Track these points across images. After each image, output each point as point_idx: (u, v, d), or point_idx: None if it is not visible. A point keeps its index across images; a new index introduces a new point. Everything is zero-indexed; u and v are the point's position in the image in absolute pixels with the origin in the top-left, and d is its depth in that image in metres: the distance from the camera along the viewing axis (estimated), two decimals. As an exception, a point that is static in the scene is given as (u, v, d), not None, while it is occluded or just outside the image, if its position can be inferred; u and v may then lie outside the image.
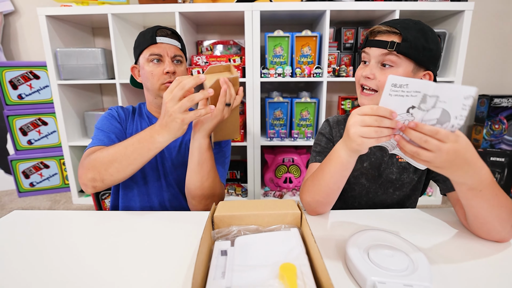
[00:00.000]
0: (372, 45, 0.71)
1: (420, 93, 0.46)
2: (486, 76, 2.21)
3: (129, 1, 1.93)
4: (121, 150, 0.71)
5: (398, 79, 0.46)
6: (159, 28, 0.91)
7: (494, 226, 0.57)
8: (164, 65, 0.88)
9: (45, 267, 0.53)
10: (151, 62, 0.89)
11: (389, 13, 1.77)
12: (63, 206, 2.05)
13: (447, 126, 0.46)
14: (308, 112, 1.91)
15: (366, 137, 0.51)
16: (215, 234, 0.52)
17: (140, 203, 0.92)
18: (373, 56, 0.71)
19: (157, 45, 0.89)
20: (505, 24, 2.12)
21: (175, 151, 0.94)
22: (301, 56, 1.83)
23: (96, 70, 1.88)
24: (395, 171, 0.82)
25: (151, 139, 0.68)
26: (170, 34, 0.92)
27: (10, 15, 2.15)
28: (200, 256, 0.41)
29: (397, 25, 0.68)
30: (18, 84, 2.01)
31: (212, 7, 1.73)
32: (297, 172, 1.99)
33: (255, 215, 0.55)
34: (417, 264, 0.47)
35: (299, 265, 0.42)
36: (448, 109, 0.45)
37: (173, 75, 0.90)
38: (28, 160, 2.11)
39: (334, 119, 0.91)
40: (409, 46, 0.66)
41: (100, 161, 0.72)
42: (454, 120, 0.46)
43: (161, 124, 0.66)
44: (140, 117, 0.98)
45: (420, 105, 0.47)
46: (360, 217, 0.71)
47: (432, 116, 0.47)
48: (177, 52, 0.92)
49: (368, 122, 0.50)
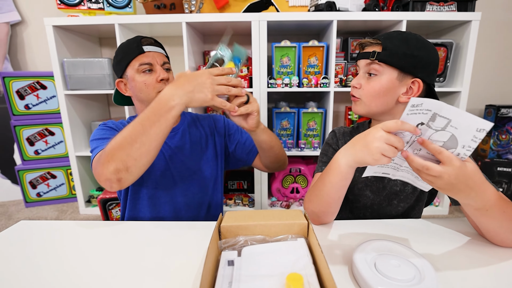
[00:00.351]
0: (360, 58, 0.76)
1: (431, 111, 0.46)
2: (493, 86, 2.20)
3: (136, 11, 1.93)
4: (137, 128, 0.65)
5: (417, 100, 0.46)
6: (142, 38, 0.89)
7: (507, 236, 0.59)
8: (157, 74, 0.86)
9: (52, 277, 0.53)
10: (142, 72, 0.86)
11: (396, 23, 1.77)
12: (70, 216, 2.04)
13: (453, 152, 0.47)
14: (315, 122, 1.90)
15: (385, 155, 0.52)
16: (222, 244, 0.53)
17: (150, 213, 0.90)
18: (361, 67, 0.76)
19: (145, 54, 0.86)
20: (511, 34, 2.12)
21: (186, 154, 0.94)
22: (308, 66, 1.82)
23: (103, 80, 1.87)
24: (399, 182, 0.83)
25: (166, 107, 0.65)
26: (154, 43, 0.91)
27: (17, 25, 2.15)
28: (207, 266, 0.41)
29: (381, 36, 0.73)
30: (25, 94, 2.01)
31: (219, 17, 1.73)
32: (304, 182, 1.98)
33: (262, 225, 0.55)
34: (424, 274, 0.47)
35: (306, 275, 0.42)
36: (457, 136, 0.45)
37: (167, 82, 0.88)
38: (35, 170, 2.10)
39: (341, 130, 0.91)
40: (389, 54, 0.70)
41: (118, 148, 0.64)
42: (461, 149, 0.46)
43: (183, 90, 0.65)
44: None
45: (429, 122, 0.47)
46: (366, 227, 0.71)
47: (440, 138, 0.47)
48: (165, 59, 0.91)
49: (392, 141, 0.51)
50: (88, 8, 1.84)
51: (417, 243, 0.62)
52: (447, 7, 1.74)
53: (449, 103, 1.95)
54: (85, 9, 1.84)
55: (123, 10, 1.88)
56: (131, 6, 1.89)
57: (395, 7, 1.78)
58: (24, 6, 2.12)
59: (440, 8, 1.74)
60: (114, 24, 1.75)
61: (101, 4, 1.84)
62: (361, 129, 0.89)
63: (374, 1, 1.75)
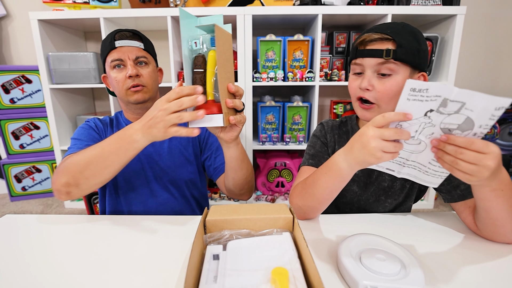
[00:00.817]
0: (366, 55, 0.67)
1: (441, 97, 0.43)
2: (478, 80, 2.20)
3: (121, 5, 1.91)
4: (98, 152, 0.67)
5: (418, 84, 0.43)
6: (118, 32, 0.87)
7: (510, 227, 0.57)
8: (126, 70, 0.85)
9: (37, 271, 0.53)
10: (114, 68, 0.86)
11: (381, 17, 1.76)
12: (55, 210, 2.03)
13: (469, 133, 0.45)
14: (300, 116, 1.89)
15: (387, 152, 0.49)
16: (207, 238, 0.52)
17: (127, 208, 0.90)
18: (368, 66, 0.67)
19: (116, 50, 0.85)
20: (496, 28, 2.11)
21: (165, 154, 0.92)
22: (293, 60, 1.81)
23: (88, 74, 1.86)
24: (387, 178, 0.80)
25: (129, 139, 0.64)
26: (130, 36, 0.87)
27: (2, 19, 2.13)
28: (192, 260, 0.41)
29: (386, 30, 0.65)
30: (10, 88, 1.99)
31: (205, 11, 1.71)
32: (289, 176, 1.97)
33: (247, 219, 0.55)
34: (409, 268, 0.47)
35: (291, 269, 0.42)
36: (473, 118, 0.43)
37: (137, 78, 0.86)
38: (20, 164, 2.09)
39: (329, 123, 0.88)
40: (406, 52, 0.64)
41: (75, 164, 0.68)
42: (477, 128, 0.44)
43: (143, 125, 0.62)
44: (118, 127, 0.95)
45: (440, 108, 0.44)
46: (352, 221, 0.71)
47: (454, 121, 0.45)
48: (140, 54, 0.87)
49: (387, 136, 0.48)
50: (73, 2, 1.82)
51: (402, 237, 0.62)
52: (432, 1, 1.73)
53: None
54: (70, 3, 1.83)
55: (108, 4, 1.87)
56: (116, 0, 1.88)
57: (380, 1, 1.77)
58: (9, 0, 2.10)
59: (426, 2, 1.73)
60: (99, 18, 1.74)
61: (86, -3, 1.83)
62: (348, 123, 0.87)
63: (359, -5, 1.74)
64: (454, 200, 0.71)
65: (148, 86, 0.89)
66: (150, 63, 0.90)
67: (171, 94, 0.59)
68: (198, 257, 0.46)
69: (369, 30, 0.68)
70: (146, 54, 0.89)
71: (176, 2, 1.83)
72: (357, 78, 0.70)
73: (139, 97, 0.88)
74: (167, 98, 0.60)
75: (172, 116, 0.58)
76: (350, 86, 0.73)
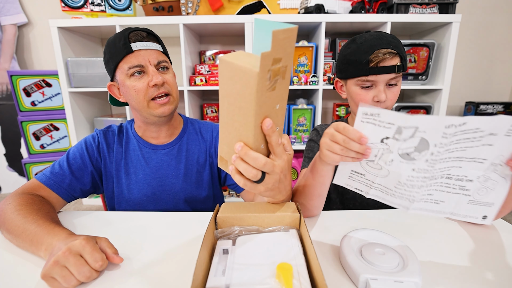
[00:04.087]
0: (380, 72, 0.70)
1: (394, 125, 0.43)
2: (473, 84, 2.23)
3: (136, 14, 1.95)
4: (18, 231, 0.56)
5: (369, 109, 0.44)
6: (131, 31, 0.70)
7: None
8: (149, 76, 0.70)
9: None
10: (132, 76, 0.70)
11: (381, 25, 1.79)
12: (73, 207, 2.07)
13: (426, 154, 0.43)
14: (304, 118, 1.92)
15: (331, 151, 0.51)
16: (217, 233, 0.53)
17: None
18: (382, 81, 0.71)
19: (134, 54, 0.69)
20: (490, 35, 2.15)
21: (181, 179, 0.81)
22: (298, 65, 1.85)
23: (104, 78, 1.90)
24: None
25: (37, 249, 0.53)
26: (146, 37, 0.71)
27: (24, 27, 2.18)
28: (202, 253, 0.42)
29: (390, 46, 0.69)
30: (31, 92, 2.03)
31: (215, 19, 1.75)
32: (295, 174, 2.01)
33: (256, 216, 0.55)
34: (407, 261, 0.47)
35: (295, 265, 0.42)
36: (427, 138, 0.42)
37: (162, 86, 0.72)
38: (40, 163, 2.13)
39: (323, 127, 0.92)
40: (405, 63, 0.71)
41: (3, 220, 0.59)
42: (433, 148, 0.43)
43: (47, 255, 0.50)
44: (127, 139, 0.82)
45: (395, 135, 0.44)
46: (355, 217, 0.71)
47: (410, 144, 0.44)
48: (161, 57, 0.72)
49: (336, 139, 0.50)
50: (90, 10, 1.87)
51: (401, 232, 0.63)
52: (429, 9, 1.76)
53: (431, 100, 1.97)
54: (88, 12, 1.87)
55: (124, 12, 1.91)
56: (131, 9, 1.92)
57: (380, 9, 1.80)
58: (31, 8, 2.14)
59: (423, 11, 1.77)
60: (115, 26, 1.78)
61: (103, 6, 1.87)
62: None
63: (361, 4, 1.78)
64: None
65: (173, 95, 0.75)
66: (170, 68, 0.77)
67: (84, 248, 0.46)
68: (208, 251, 0.46)
69: (373, 47, 0.70)
70: (166, 57, 0.75)
71: (187, 11, 1.87)
72: (368, 91, 0.74)
73: (165, 110, 0.73)
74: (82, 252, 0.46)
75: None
76: (361, 99, 0.75)
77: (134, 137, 0.82)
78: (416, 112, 1.89)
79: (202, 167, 0.83)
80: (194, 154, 0.83)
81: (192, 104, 1.94)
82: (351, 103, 0.81)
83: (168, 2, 1.81)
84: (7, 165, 2.29)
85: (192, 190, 0.82)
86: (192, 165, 0.82)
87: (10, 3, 2.09)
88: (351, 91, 0.77)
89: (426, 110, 1.89)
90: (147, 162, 0.81)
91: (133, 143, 0.81)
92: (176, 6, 1.84)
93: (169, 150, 0.82)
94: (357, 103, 0.77)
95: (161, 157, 0.81)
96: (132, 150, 0.81)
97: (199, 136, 0.86)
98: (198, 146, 0.84)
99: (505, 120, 0.40)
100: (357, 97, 0.76)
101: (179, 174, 0.81)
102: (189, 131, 0.86)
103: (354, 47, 0.73)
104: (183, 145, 0.83)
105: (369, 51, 0.71)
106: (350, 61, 0.74)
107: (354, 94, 0.76)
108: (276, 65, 0.37)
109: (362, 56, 0.71)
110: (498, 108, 1.99)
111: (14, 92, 1.99)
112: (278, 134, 0.43)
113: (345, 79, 0.78)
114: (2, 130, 2.26)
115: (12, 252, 0.57)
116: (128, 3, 1.90)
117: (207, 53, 2.13)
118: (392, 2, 1.74)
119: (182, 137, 0.84)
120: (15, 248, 0.58)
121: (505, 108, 1.99)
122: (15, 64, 2.17)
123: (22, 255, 0.56)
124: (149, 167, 0.80)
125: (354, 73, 0.74)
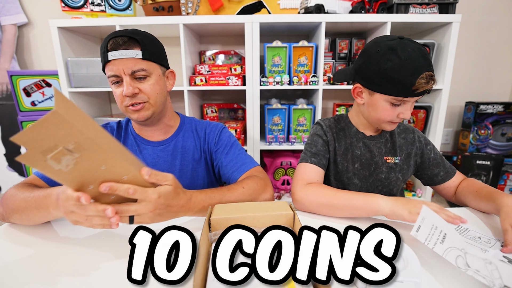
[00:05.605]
0: (420, 95, 0.72)
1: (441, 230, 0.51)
2: (473, 84, 2.21)
3: (136, 14, 1.93)
4: (22, 204, 0.60)
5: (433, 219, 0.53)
6: (111, 38, 0.69)
7: None
8: (122, 87, 0.71)
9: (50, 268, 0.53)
10: (113, 84, 0.73)
11: (381, 25, 1.77)
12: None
13: None
14: (304, 118, 1.91)
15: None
16: (212, 236, 0.52)
17: None
18: (413, 101, 0.75)
19: (111, 63, 0.70)
20: (490, 35, 2.13)
21: (177, 175, 0.82)
22: (298, 65, 1.83)
23: (104, 78, 1.86)
24: (384, 170, 0.85)
25: (46, 209, 0.57)
26: (125, 43, 0.69)
27: (24, 27, 2.15)
28: (200, 259, 0.42)
29: (431, 67, 0.71)
30: (31, 92, 2.01)
31: (214, 19, 1.73)
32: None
33: (250, 217, 0.55)
34: (407, 261, 0.47)
35: None
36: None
37: (136, 96, 0.72)
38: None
39: (326, 122, 0.90)
40: None
41: (7, 204, 0.63)
42: None
43: (58, 205, 0.53)
44: (125, 135, 0.86)
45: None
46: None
47: None
48: (137, 67, 0.70)
49: (420, 209, 0.57)
50: (90, 10, 1.84)
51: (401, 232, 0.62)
52: (429, 10, 1.74)
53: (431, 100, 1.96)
54: (88, 11, 1.85)
55: (124, 12, 1.89)
56: (131, 9, 1.90)
57: (380, 10, 1.79)
58: (31, 8, 2.12)
59: (423, 11, 1.75)
60: (115, 26, 1.75)
61: (103, 6, 1.85)
62: (341, 121, 0.90)
63: (361, 4, 1.76)
64: (435, 184, 0.89)
65: (150, 101, 0.75)
66: (152, 73, 0.75)
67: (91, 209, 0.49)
68: (204, 255, 0.46)
69: (418, 68, 0.68)
70: (146, 63, 0.72)
71: (187, 11, 1.85)
72: (396, 108, 0.74)
73: (139, 116, 0.75)
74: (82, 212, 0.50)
75: (82, 219, 0.51)
76: (387, 114, 0.75)
77: (131, 133, 0.86)
78: (416, 112, 1.87)
79: (197, 163, 0.87)
80: (189, 151, 0.86)
81: (192, 104, 1.92)
82: (369, 111, 0.79)
83: (168, 2, 1.79)
84: (7, 165, 2.27)
85: (188, 186, 0.81)
86: (187, 162, 0.85)
87: (10, 3, 2.06)
88: (377, 104, 0.75)
89: (426, 110, 1.87)
90: (144, 158, 0.83)
91: (131, 139, 0.85)
92: (176, 6, 1.82)
93: (165, 147, 0.85)
94: (381, 117, 0.76)
95: (158, 153, 0.84)
96: (130, 146, 0.84)
97: (194, 133, 0.89)
98: (193, 143, 0.87)
99: None
100: (383, 112, 0.75)
101: (174, 170, 0.84)
102: (185, 128, 0.89)
103: (398, 63, 0.67)
104: (179, 142, 0.86)
105: (416, 73, 0.67)
106: (391, 79, 0.69)
107: (381, 109, 0.75)
108: (53, 152, 0.36)
109: (408, 78, 0.67)
110: (498, 108, 1.97)
111: (14, 92, 1.97)
112: (126, 186, 0.46)
113: (376, 92, 0.74)
114: (2, 130, 2.24)
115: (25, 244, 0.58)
116: (128, 3, 1.88)
117: (207, 53, 2.11)
118: (392, 2, 1.73)
119: (178, 134, 0.87)
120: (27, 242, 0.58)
121: (505, 108, 1.97)
122: (15, 64, 2.14)
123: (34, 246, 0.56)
124: (146, 162, 0.82)
125: (393, 92, 0.70)
